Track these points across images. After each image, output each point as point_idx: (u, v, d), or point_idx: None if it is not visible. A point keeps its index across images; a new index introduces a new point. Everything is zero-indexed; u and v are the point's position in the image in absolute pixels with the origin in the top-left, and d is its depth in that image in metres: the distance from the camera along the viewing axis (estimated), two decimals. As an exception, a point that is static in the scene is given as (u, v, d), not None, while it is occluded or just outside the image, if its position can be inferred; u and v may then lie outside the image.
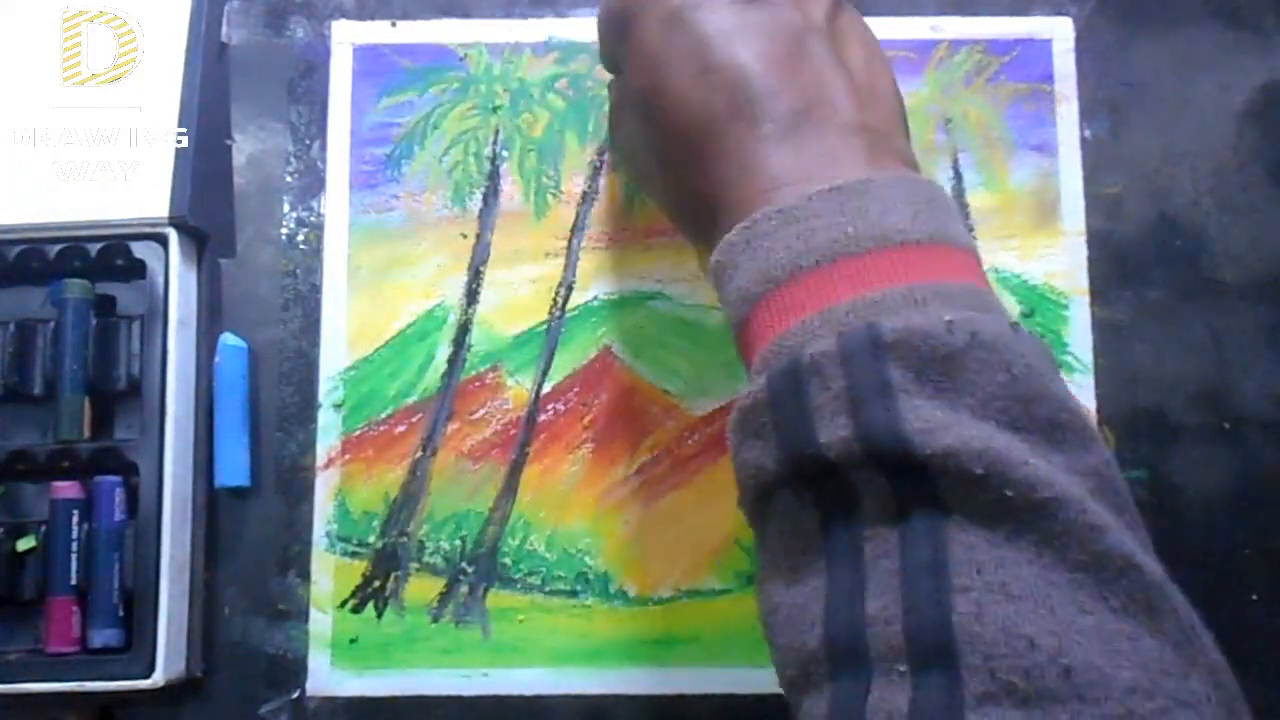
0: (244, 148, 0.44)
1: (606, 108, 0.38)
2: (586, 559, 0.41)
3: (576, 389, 0.42)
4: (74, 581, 0.40)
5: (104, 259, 0.41)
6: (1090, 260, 0.42)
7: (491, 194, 0.43)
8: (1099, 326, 0.42)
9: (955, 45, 0.44)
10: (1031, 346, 0.25)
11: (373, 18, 0.45)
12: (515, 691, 0.40)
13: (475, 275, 0.43)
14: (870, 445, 0.24)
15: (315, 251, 0.43)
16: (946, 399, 0.24)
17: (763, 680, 0.40)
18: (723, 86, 0.29)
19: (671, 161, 0.31)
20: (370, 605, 0.41)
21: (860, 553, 0.24)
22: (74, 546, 0.40)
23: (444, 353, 0.42)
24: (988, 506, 0.23)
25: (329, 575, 0.41)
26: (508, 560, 0.41)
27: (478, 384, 0.42)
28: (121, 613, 0.39)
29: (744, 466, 0.27)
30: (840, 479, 0.24)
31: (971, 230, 0.43)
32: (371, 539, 0.41)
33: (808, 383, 0.25)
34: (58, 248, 0.41)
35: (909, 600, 0.23)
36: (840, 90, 0.29)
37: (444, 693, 0.40)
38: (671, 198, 0.33)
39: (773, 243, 0.27)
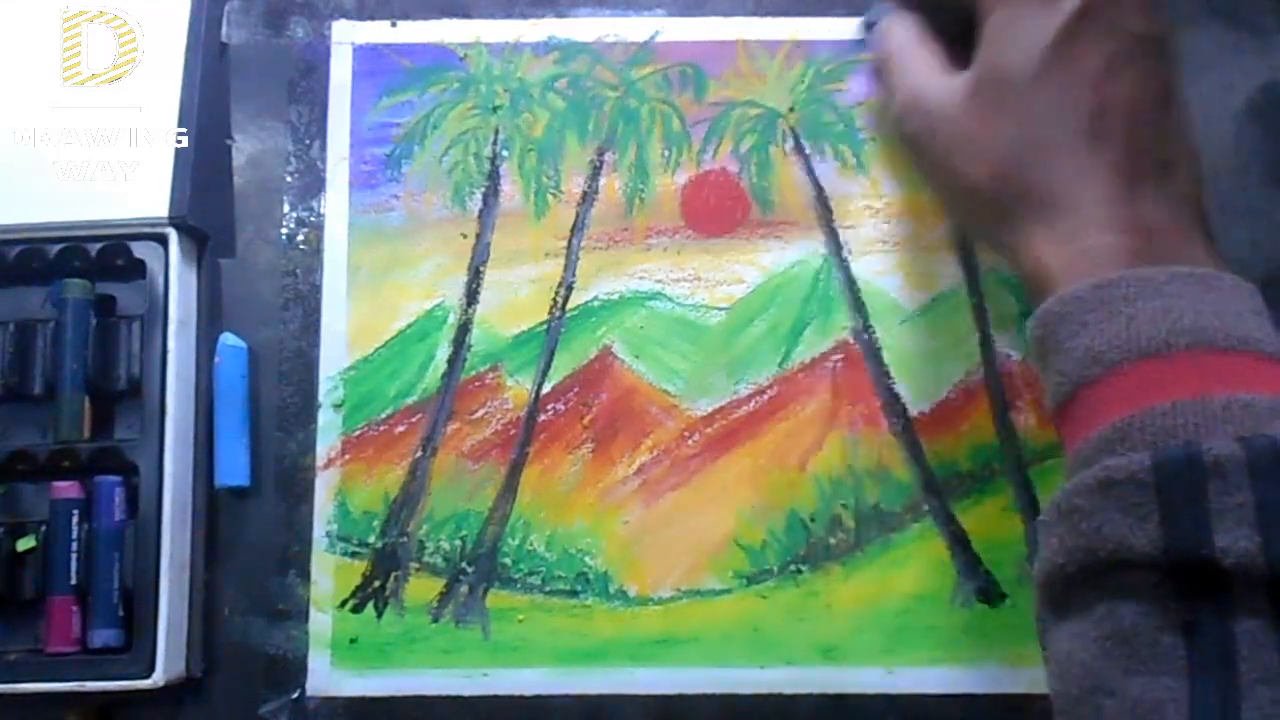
0: (244, 148, 0.44)
1: (883, 46, 0.37)
2: (586, 559, 0.41)
3: (576, 389, 0.42)
4: (74, 581, 0.40)
5: (104, 259, 0.42)
6: (1090, 260, 0.42)
7: (491, 194, 0.43)
8: (1099, 326, 0.42)
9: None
10: None
11: (373, 18, 0.45)
12: (515, 691, 0.40)
13: (475, 275, 0.43)
14: (1278, 566, 0.24)
15: (315, 251, 0.43)
16: None
17: (763, 680, 0.40)
18: (1109, 107, 0.30)
19: (1016, 141, 0.31)
20: (370, 605, 0.41)
21: (1232, 667, 0.24)
22: (74, 546, 0.40)
23: (444, 353, 0.42)
24: None
25: (329, 575, 0.41)
26: (508, 560, 0.41)
27: (478, 384, 0.42)
28: (121, 613, 0.39)
29: (1091, 534, 0.26)
30: (1221, 585, 0.24)
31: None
32: (371, 539, 0.41)
33: (1208, 482, 0.25)
34: (58, 248, 0.41)
35: None
36: (1185, 158, 0.31)
37: (444, 693, 0.40)
38: (982, 172, 0.32)
39: (1134, 311, 0.27)
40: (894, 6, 0.37)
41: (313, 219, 0.43)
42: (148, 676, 0.39)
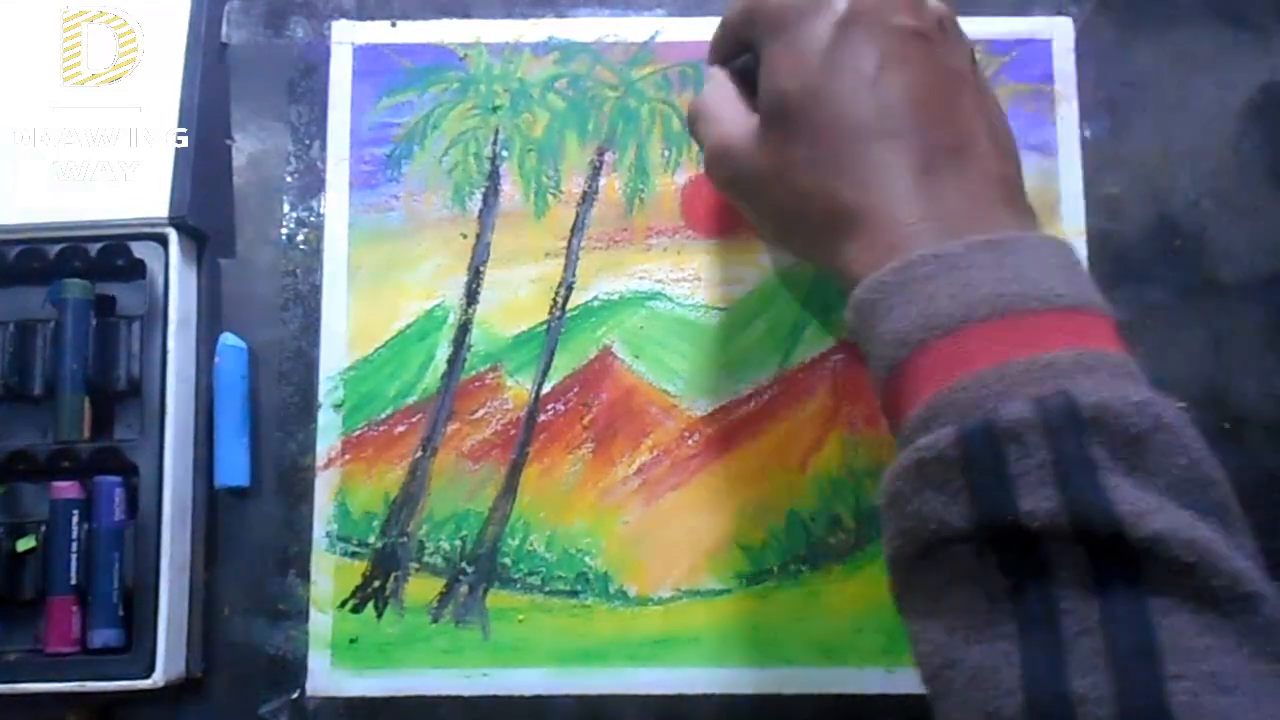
0: (244, 148, 0.44)
1: (692, 100, 0.37)
2: (586, 559, 0.41)
3: (576, 389, 0.42)
4: (74, 581, 0.40)
5: (104, 259, 0.42)
6: (1090, 260, 0.42)
7: (491, 194, 0.43)
8: (1099, 326, 0.42)
9: (955, 45, 0.44)
10: (1195, 431, 0.25)
11: (373, 18, 0.45)
12: (515, 691, 0.40)
13: (475, 275, 0.43)
14: (1079, 521, 0.24)
15: (315, 251, 0.43)
16: (1140, 480, 0.24)
17: (762, 680, 0.40)
18: (888, 104, 0.30)
19: (809, 164, 0.31)
20: (370, 605, 0.41)
21: (1055, 623, 0.24)
22: (74, 546, 0.40)
23: (444, 353, 0.42)
24: (1191, 594, 0.23)
25: (329, 575, 0.41)
26: (508, 560, 0.41)
27: (478, 384, 0.42)
28: (121, 613, 0.39)
29: (915, 516, 0.26)
30: (1034, 547, 0.25)
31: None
32: (371, 539, 0.41)
33: (1006, 448, 0.25)
34: (58, 248, 0.41)
35: (1121, 683, 0.23)
36: (985, 138, 0.31)
37: (444, 693, 0.40)
38: (790, 202, 0.32)
39: (934, 288, 0.27)
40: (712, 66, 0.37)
41: (313, 219, 0.43)
42: (148, 676, 0.39)
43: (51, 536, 0.40)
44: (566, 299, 0.43)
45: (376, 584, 0.41)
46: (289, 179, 0.44)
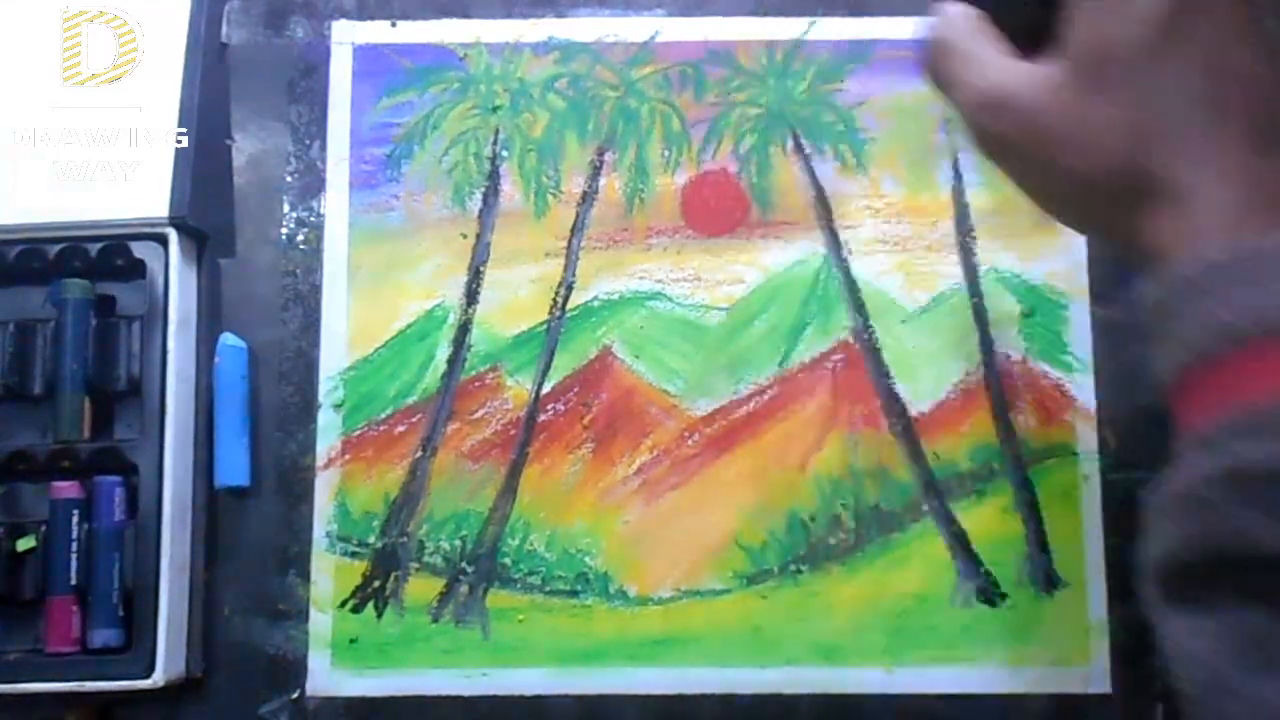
0: (244, 148, 0.44)
1: (932, 35, 0.32)
2: (586, 559, 0.41)
3: (576, 389, 0.42)
4: (74, 581, 0.40)
5: (104, 259, 0.42)
6: (1090, 260, 0.42)
7: (491, 194, 0.43)
8: (1099, 326, 0.42)
9: (955, 45, 0.44)
10: None
11: (373, 18, 0.45)
12: (515, 691, 0.40)
13: (475, 275, 0.43)
14: None
15: (315, 251, 0.43)
16: None
17: (762, 680, 0.40)
18: (1233, 80, 0.28)
19: (1126, 128, 0.28)
20: (370, 605, 0.41)
21: None
22: (74, 546, 0.40)
23: (444, 353, 0.42)
24: None
25: (329, 575, 0.41)
26: (508, 560, 0.41)
27: (478, 384, 0.42)
28: (121, 613, 0.39)
29: (1212, 524, 0.24)
30: None
31: (972, 230, 0.43)
32: (371, 539, 0.41)
33: None
34: (58, 248, 0.41)
35: None
36: None
37: (444, 693, 0.40)
38: (1082, 166, 0.29)
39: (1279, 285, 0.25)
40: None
41: (313, 219, 0.43)
42: (148, 676, 0.39)
43: (51, 536, 0.40)
44: (566, 299, 0.43)
45: (376, 584, 0.41)
46: (289, 179, 0.44)
